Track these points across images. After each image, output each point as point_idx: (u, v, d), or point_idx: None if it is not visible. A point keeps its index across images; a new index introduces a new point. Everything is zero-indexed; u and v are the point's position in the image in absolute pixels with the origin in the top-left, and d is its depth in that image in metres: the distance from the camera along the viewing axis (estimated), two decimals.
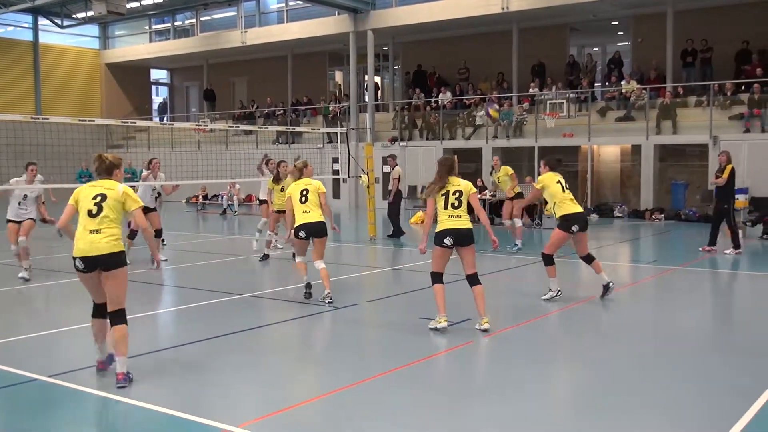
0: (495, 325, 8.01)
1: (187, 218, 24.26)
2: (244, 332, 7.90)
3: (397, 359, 6.79)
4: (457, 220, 7.69)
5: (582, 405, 5.57)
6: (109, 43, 37.14)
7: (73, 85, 35.07)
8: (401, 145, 25.75)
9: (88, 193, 6.02)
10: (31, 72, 33.77)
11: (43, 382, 6.04)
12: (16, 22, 33.60)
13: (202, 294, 10.03)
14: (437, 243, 7.72)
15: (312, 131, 25.42)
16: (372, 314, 9.12)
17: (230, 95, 35.94)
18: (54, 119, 12.66)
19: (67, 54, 35.33)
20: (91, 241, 5.87)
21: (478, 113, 24.48)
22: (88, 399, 5.71)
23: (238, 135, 30.76)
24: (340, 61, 32.29)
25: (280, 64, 32.63)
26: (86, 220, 5.92)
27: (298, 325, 8.28)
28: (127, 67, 36.31)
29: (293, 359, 6.95)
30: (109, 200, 5.97)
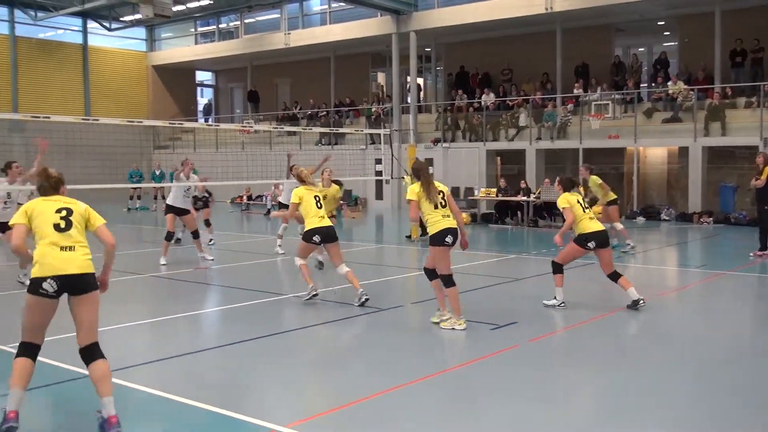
0: (543, 329, 7.94)
1: (231, 218, 24.51)
2: (289, 333, 7.95)
3: (442, 362, 6.77)
4: (449, 219, 7.90)
5: (624, 413, 5.49)
6: (156, 46, 37.70)
7: (120, 87, 35.69)
8: (444, 146, 25.69)
9: (45, 207, 5.15)
10: (81, 74, 34.44)
11: None
12: (66, 25, 34.29)
13: (247, 294, 10.12)
14: (438, 243, 7.82)
15: (355, 132, 25.49)
16: (417, 316, 9.10)
17: (274, 97, 36.22)
18: (104, 120, 12.89)
19: (115, 56, 35.96)
20: (66, 258, 5.00)
21: (519, 114, 24.32)
22: (136, 396, 5.80)
23: (281, 136, 30.98)
24: (383, 62, 32.32)
25: (323, 65, 32.79)
26: (54, 235, 5.03)
27: (343, 326, 8.30)
28: (172, 69, 36.83)
29: (338, 361, 6.97)
30: (76, 215, 5.17)
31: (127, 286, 10.94)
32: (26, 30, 32.67)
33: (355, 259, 14.18)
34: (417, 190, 7.92)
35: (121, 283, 11.19)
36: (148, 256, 13.18)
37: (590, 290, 10.27)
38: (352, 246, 16.66)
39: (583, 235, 9.12)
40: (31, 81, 32.53)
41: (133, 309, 9.49)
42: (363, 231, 20.56)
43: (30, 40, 32.73)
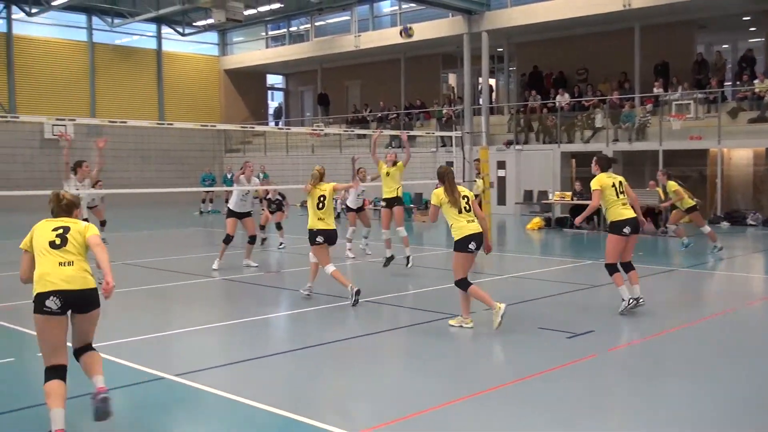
0: (622, 337, 7.74)
1: (301, 221, 24.74)
2: (361, 338, 7.95)
3: (516, 371, 6.66)
4: (474, 224, 8.04)
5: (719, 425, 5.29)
6: (228, 50, 38.47)
7: (193, 91, 36.54)
8: (517, 148, 25.42)
9: (45, 226, 5.20)
10: (155, 79, 35.40)
11: (169, 381, 6.27)
12: (141, 31, 35.32)
13: (318, 298, 10.18)
14: (461, 249, 8.00)
15: (425, 135, 25.45)
16: (488, 324, 8.99)
17: (344, 99, 36.49)
18: (178, 125, 13.20)
19: (188, 61, 36.84)
20: (66, 274, 4.97)
21: None
22: (207, 398, 5.88)
23: (351, 139, 31.17)
24: (454, 63, 32.19)
25: (393, 67, 32.87)
26: (51, 253, 5.03)
27: (414, 332, 8.26)
28: (244, 73, 37.52)
29: (409, 367, 6.94)
30: (73, 231, 5.14)
31: (197, 289, 11.14)
32: (103, 36, 33.78)
33: (425, 263, 14.14)
34: (441, 195, 8.07)
35: (193, 285, 11.41)
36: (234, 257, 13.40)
37: (672, 297, 9.97)
38: (423, 250, 16.62)
39: (616, 223, 8.99)
40: (108, 86, 33.60)
41: (204, 312, 9.66)
42: (434, 235, 20.48)
43: (107, 47, 33.83)
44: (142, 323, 8.84)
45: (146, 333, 8.16)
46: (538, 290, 10.71)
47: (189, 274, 12.10)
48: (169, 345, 7.78)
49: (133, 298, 10.40)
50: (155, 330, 8.31)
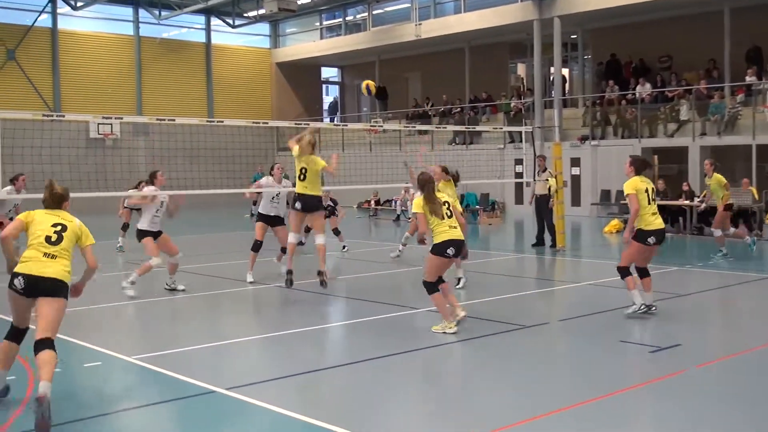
0: (712, 352, 7.52)
1: (358, 225, 24.86)
2: (422, 351, 7.90)
3: (595, 388, 6.52)
4: (455, 230, 8.48)
5: None
6: (280, 42, 38.89)
7: (244, 86, 37.03)
8: (592, 144, 25.06)
9: (45, 218, 6.14)
10: (204, 73, 36.00)
11: (220, 395, 6.33)
12: (189, 24, 35.96)
13: (376, 307, 10.17)
14: (439, 253, 8.39)
15: (492, 130, 25.28)
16: (564, 335, 8.86)
17: (403, 93, 36.50)
18: (229, 122, 13.36)
19: (239, 54, 37.36)
20: (44, 263, 5.92)
21: (680, 107, 23.36)
22: (265, 414, 5.91)
23: (412, 135, 31.15)
24: (523, 52, 31.91)
25: (456, 57, 32.74)
26: (43, 245, 5.98)
27: (480, 344, 8.18)
28: (297, 66, 37.87)
29: (477, 383, 6.86)
30: (69, 231, 6.11)
31: (245, 297, 11.25)
32: (150, 30, 34.49)
33: (491, 269, 14.02)
34: (421, 204, 8.49)
35: (240, 293, 11.53)
36: (268, 265, 13.50)
37: None
38: (490, 255, 16.50)
39: (643, 231, 9.12)
40: (155, 82, 34.30)
41: (251, 321, 9.76)
42: (501, 239, 20.34)
43: (154, 40, 34.54)
44: (187, 333, 8.97)
45: (193, 344, 8.27)
46: (618, 299, 10.49)
47: (235, 281, 12.24)
48: (218, 356, 7.86)
49: (178, 306, 10.56)
50: (202, 340, 8.41)
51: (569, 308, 10.47)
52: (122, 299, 10.66)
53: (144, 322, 9.84)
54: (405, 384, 6.75)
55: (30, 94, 30.84)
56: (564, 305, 10.80)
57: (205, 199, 27.22)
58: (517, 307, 10.48)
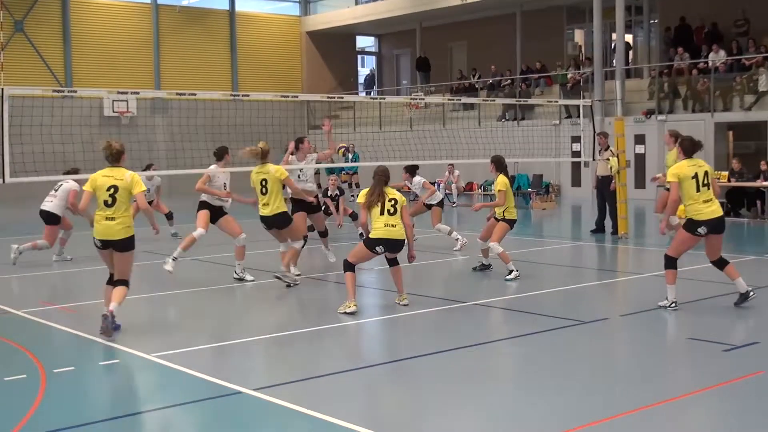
0: None
1: None
2: (472, 348, 7.91)
3: (662, 390, 6.49)
4: (393, 229, 9.31)
5: None
6: (311, 9, 38.94)
7: (271, 58, 37.16)
8: (659, 119, 24.78)
9: (102, 183, 8.24)
10: (228, 44, 36.20)
11: (247, 396, 6.42)
12: None
13: (418, 300, 10.20)
14: (368, 246, 9.36)
15: (547, 104, 25.10)
16: (627, 331, 8.82)
17: (447, 64, 36.39)
18: (254, 96, 13.44)
19: (266, 22, 37.51)
20: (107, 226, 8.19)
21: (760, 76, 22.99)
22: (294, 416, 5.98)
23: (457, 110, 31.08)
24: (581, 17, 31.61)
25: (506, 24, 32.55)
26: (102, 209, 8.22)
27: (533, 341, 8.17)
28: (330, 35, 37.91)
29: (529, 384, 6.86)
30: (121, 191, 8.22)
31: (270, 290, 11.31)
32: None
33: (545, 259, 13.97)
34: (364, 194, 9.51)
35: (265, 285, 11.61)
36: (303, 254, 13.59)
37: None
38: (543, 243, 16.44)
39: (693, 221, 9.08)
40: (175, 54, 34.57)
41: (276, 316, 9.86)
42: (556, 225, 20.26)
43: (173, 9, 34.79)
44: (210, 329, 9.08)
45: (216, 341, 8.37)
46: (687, 292, 10.39)
47: (261, 271, 12.32)
48: (245, 354, 7.95)
49: (200, 300, 10.68)
50: (226, 338, 8.52)
51: (632, 302, 10.40)
52: (140, 292, 10.80)
53: (165, 317, 9.98)
54: (449, 385, 6.76)
55: (39, 68, 31.28)
56: (626, 299, 10.74)
57: (232, 180, 27.42)
58: (573, 300, 10.44)
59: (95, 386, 6.98)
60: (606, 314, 9.41)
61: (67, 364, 7.38)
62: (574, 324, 8.79)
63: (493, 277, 11.99)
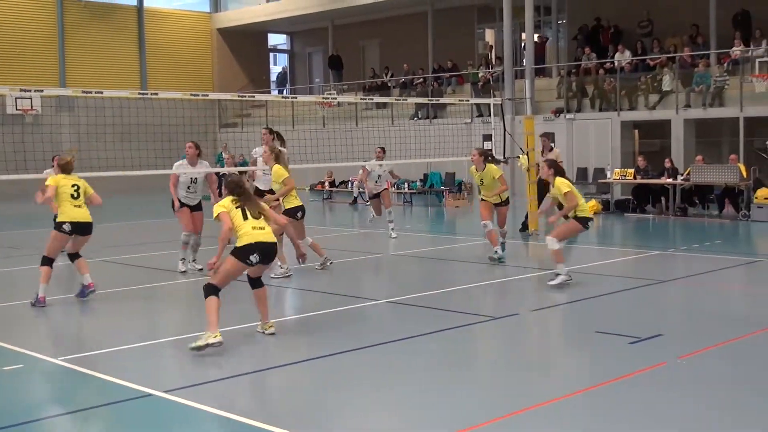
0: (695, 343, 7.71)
1: (311, 208, 24.81)
2: (383, 345, 7.97)
3: (572, 383, 6.65)
4: (262, 232, 8.09)
5: None
6: (221, 5, 38.51)
7: (181, 55, 36.63)
8: (568, 117, 25.28)
9: (66, 182, 10.04)
10: (136, 41, 35.55)
11: (158, 398, 6.35)
12: None
13: (331, 299, 10.22)
14: (240, 257, 7.96)
15: (458, 103, 25.37)
16: (537, 327, 9.00)
17: (360, 62, 36.42)
18: (163, 95, 13.25)
19: (175, 19, 36.96)
20: (78, 213, 10.00)
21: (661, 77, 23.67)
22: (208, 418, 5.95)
23: (369, 109, 31.13)
24: (492, 16, 31.98)
25: (418, 22, 32.76)
26: (71, 199, 9.99)
27: (448, 337, 8.27)
28: (241, 33, 37.57)
29: (445, 378, 6.95)
30: (83, 187, 10.17)
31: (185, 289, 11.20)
32: None
33: (458, 256, 14.15)
34: (227, 203, 8.18)
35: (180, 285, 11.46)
36: None
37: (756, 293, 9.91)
38: (456, 241, 16.62)
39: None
40: (80, 51, 33.79)
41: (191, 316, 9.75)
42: (468, 222, 20.48)
43: (78, 3, 34.00)
44: (123, 331, 8.93)
45: (126, 343, 8.24)
46: (595, 287, 10.67)
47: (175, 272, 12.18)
48: (154, 356, 7.85)
49: (113, 302, 10.50)
50: (138, 339, 8.39)
51: (541, 297, 10.61)
52: None
53: (69, 321, 9.78)
54: (359, 382, 6.81)
55: None
56: (535, 294, 10.92)
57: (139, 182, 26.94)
58: (484, 296, 10.60)
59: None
60: (515, 309, 9.57)
61: None
62: (485, 320, 8.92)
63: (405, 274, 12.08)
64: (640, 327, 8.38)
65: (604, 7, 27.94)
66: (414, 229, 18.10)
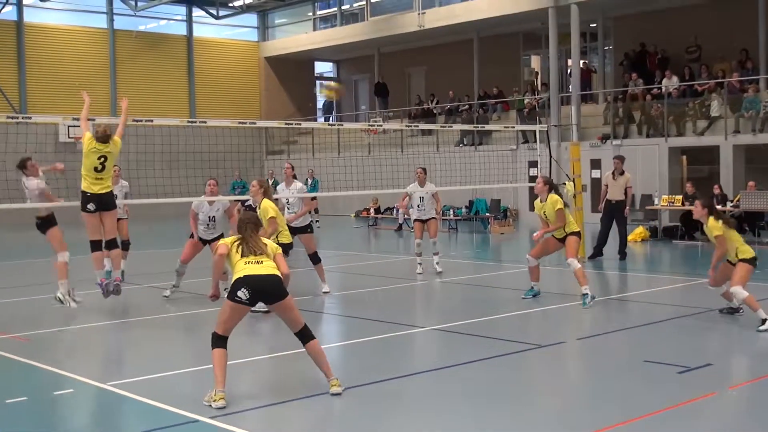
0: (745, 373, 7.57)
1: (356, 235, 24.91)
2: (430, 373, 7.94)
3: (618, 412, 6.56)
4: (258, 266, 7.15)
5: None
6: (269, 34, 39.01)
7: (229, 83, 37.11)
8: (614, 143, 25.11)
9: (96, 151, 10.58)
10: (185, 70, 36.11)
11: (204, 424, 6.38)
12: (169, 15, 36.08)
13: (374, 326, 10.21)
14: (230, 297, 7.09)
15: (504, 129, 25.35)
16: (584, 355, 8.91)
17: (405, 89, 36.59)
18: (212, 122, 13.42)
19: (223, 48, 37.49)
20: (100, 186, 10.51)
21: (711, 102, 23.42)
22: None
23: (415, 136, 31.22)
24: (537, 43, 32.00)
25: (464, 49, 32.84)
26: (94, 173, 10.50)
27: (494, 365, 8.21)
28: (288, 61, 37.97)
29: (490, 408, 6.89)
30: (109, 160, 10.63)
31: None
32: (125, 22, 34.61)
33: (504, 284, 14.06)
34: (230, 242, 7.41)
35: None
36: None
37: None
38: (502, 268, 16.53)
39: None
40: (132, 79, 34.38)
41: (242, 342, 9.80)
42: (514, 249, 20.37)
43: (130, 34, 34.67)
44: (167, 356, 9.00)
45: (174, 368, 8.30)
46: (643, 315, 10.54)
47: None
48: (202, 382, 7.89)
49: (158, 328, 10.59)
50: (184, 365, 8.45)
51: (588, 325, 10.51)
52: (89, 321, 10.68)
53: (117, 345, 9.88)
54: (407, 409, 6.78)
55: None
56: (583, 322, 10.82)
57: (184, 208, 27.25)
58: (530, 325, 10.52)
59: (51, 417, 6.88)
60: (563, 338, 9.49)
61: (20, 394, 7.28)
62: (531, 348, 8.85)
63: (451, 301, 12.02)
64: (689, 356, 8.27)
65: (650, 33, 27.78)
66: (459, 256, 18.04)
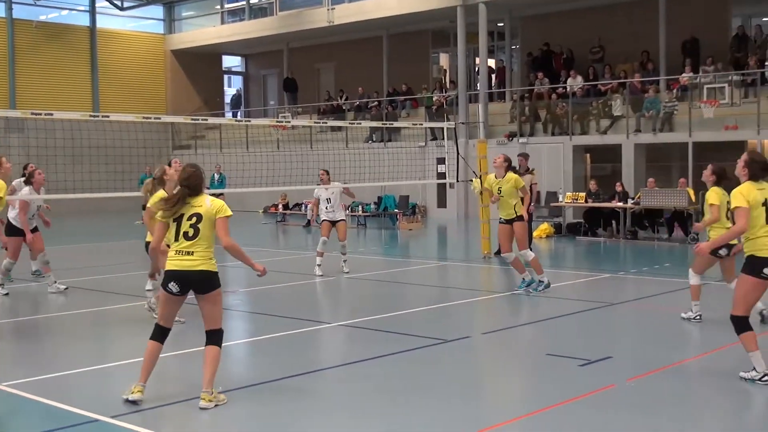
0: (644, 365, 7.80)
1: (264, 231, 24.75)
2: (337, 368, 7.95)
3: (521, 406, 6.69)
4: (185, 259, 6.65)
5: None
6: (175, 27, 38.40)
7: (134, 77, 36.38)
8: (521, 141, 25.53)
9: None
10: (88, 62, 35.25)
11: (105, 424, 6.27)
12: (71, 5, 35.18)
13: (281, 322, 10.17)
14: (163, 286, 6.77)
15: (412, 126, 25.50)
16: (488, 349, 9.04)
17: (315, 85, 36.47)
18: (115, 117, 13.16)
19: (128, 40, 36.74)
20: None
21: None
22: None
23: (324, 132, 31.16)
24: (446, 41, 32.29)
25: (373, 46, 32.92)
26: None
27: (400, 360, 8.27)
28: (195, 54, 37.44)
29: (391, 404, 6.94)
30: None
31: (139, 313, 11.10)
32: (25, 12, 33.59)
33: (412, 279, 14.17)
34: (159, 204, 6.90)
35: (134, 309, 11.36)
36: None
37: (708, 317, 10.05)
38: (410, 264, 16.65)
39: (756, 258, 7.08)
40: (31, 72, 33.41)
41: None
42: (422, 245, 20.55)
43: (30, 24, 33.67)
44: (72, 356, 8.80)
45: (77, 367, 8.12)
46: (546, 309, 10.77)
47: (128, 296, 12.05)
48: (103, 381, 7.75)
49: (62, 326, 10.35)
50: (87, 363, 8.28)
51: (493, 320, 10.67)
52: None
53: (16, 344, 9.61)
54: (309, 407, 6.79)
55: None
56: (487, 317, 10.99)
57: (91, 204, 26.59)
58: (438, 320, 10.62)
59: None
60: (467, 333, 9.61)
61: None
62: (437, 343, 8.94)
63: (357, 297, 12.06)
64: (590, 349, 8.46)
65: (556, 33, 28.31)
66: (367, 252, 18.10)
